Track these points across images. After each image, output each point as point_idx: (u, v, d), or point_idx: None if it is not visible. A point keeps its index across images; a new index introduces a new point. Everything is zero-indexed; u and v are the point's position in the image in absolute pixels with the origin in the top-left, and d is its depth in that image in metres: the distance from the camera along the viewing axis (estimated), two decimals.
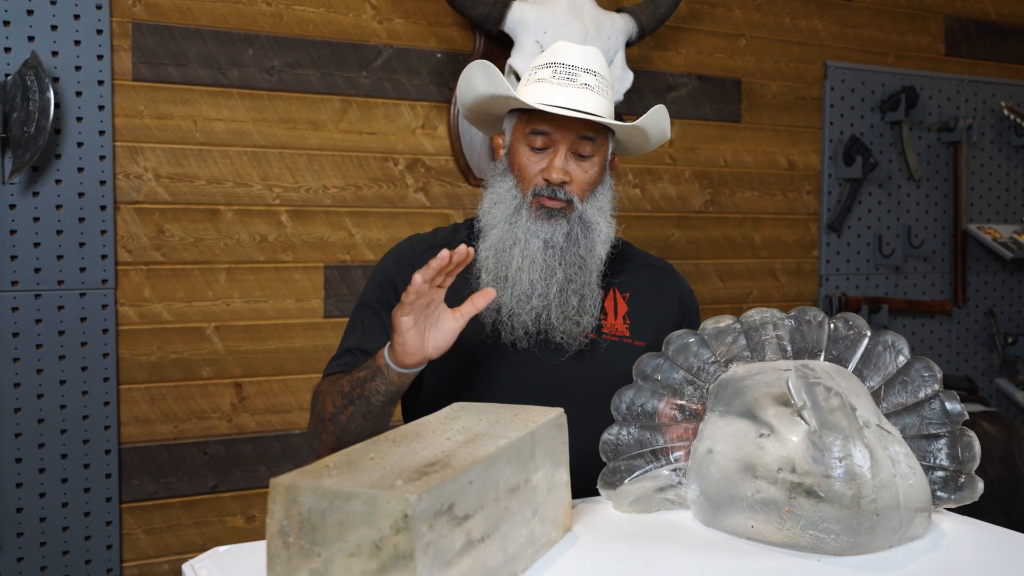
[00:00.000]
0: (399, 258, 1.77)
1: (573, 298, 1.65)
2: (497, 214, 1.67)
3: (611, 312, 1.75)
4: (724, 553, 1.18)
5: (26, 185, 2.31)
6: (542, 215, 1.65)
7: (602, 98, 1.64)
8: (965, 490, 1.29)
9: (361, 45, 2.69)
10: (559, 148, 1.63)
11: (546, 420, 1.20)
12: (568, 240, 1.64)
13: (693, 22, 3.20)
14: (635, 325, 1.75)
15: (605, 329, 1.72)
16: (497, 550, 1.04)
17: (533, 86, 1.64)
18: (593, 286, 1.68)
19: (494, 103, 1.69)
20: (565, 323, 1.64)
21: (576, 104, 1.60)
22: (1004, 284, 3.87)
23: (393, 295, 1.71)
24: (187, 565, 1.17)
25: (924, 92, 3.61)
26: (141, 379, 2.46)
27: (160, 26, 2.46)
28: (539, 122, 1.63)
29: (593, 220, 1.67)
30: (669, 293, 1.83)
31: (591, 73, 1.63)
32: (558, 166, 1.62)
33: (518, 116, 1.68)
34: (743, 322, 1.43)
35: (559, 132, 1.63)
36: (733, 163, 3.31)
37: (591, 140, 1.64)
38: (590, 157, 1.66)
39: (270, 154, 2.59)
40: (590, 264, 1.66)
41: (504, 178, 1.70)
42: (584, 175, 1.66)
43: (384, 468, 0.97)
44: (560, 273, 1.64)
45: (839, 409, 1.17)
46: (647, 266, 1.85)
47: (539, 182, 1.64)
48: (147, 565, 2.48)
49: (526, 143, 1.65)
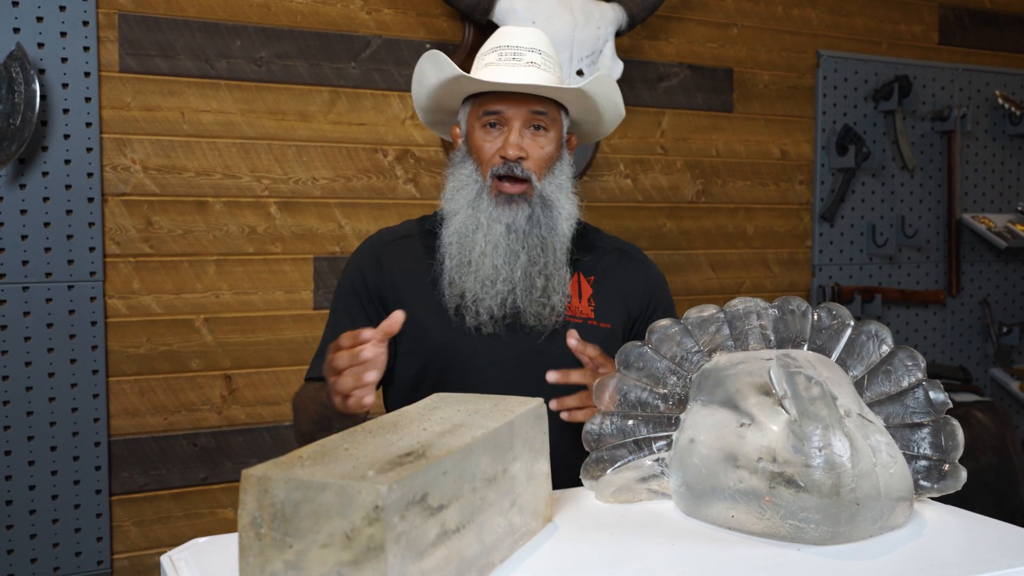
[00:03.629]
0: (366, 251, 1.80)
1: (538, 280, 1.66)
2: (459, 200, 1.69)
3: (575, 295, 1.76)
4: (705, 543, 1.18)
5: (13, 177, 2.30)
6: (502, 201, 1.67)
7: (549, 74, 1.67)
8: (948, 479, 1.29)
9: (350, 36, 2.68)
10: (513, 125, 1.66)
11: (525, 410, 1.19)
12: (530, 223, 1.66)
13: (684, 11, 3.18)
14: (600, 307, 1.77)
15: (570, 312, 1.73)
16: (473, 541, 1.03)
17: (481, 71, 1.67)
18: (560, 264, 1.69)
19: (447, 94, 1.71)
20: (533, 305, 1.66)
21: (523, 81, 1.63)
22: (998, 273, 3.86)
23: (362, 289, 1.75)
24: (165, 557, 1.16)
25: (917, 81, 3.60)
26: (130, 371, 2.45)
27: (147, 17, 2.45)
28: (491, 102, 1.66)
29: (553, 198, 1.69)
30: (635, 279, 1.83)
31: (536, 51, 1.67)
32: (513, 142, 1.65)
33: (472, 102, 1.71)
34: (727, 311, 1.42)
35: (511, 109, 1.65)
36: (725, 153, 3.30)
37: (544, 114, 1.67)
38: (545, 132, 1.68)
39: (259, 145, 2.58)
40: (553, 243, 1.68)
41: (464, 164, 1.72)
42: (540, 150, 1.68)
43: (357, 459, 0.96)
44: (524, 256, 1.66)
45: (819, 398, 1.16)
46: (613, 251, 1.86)
47: (496, 161, 1.66)
48: (138, 557, 2.48)
49: (480, 125, 1.68)
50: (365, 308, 1.75)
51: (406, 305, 1.70)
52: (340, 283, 1.81)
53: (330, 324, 1.79)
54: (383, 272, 1.75)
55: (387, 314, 1.71)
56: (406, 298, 1.72)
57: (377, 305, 1.74)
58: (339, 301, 1.79)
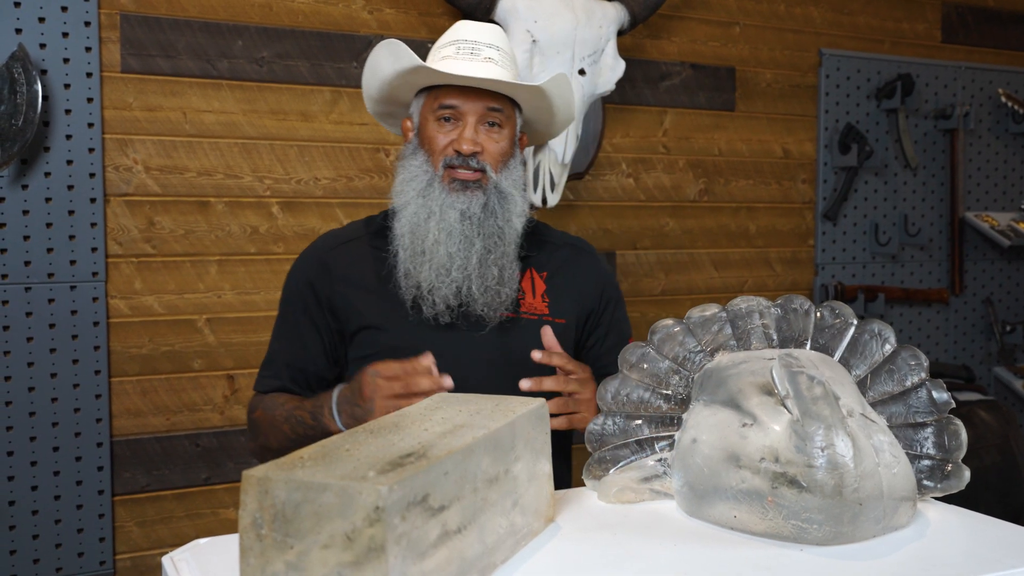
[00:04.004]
0: (312, 258, 1.77)
1: (493, 268, 1.66)
2: (409, 190, 1.67)
3: (528, 291, 1.76)
4: (707, 543, 1.18)
5: (15, 178, 2.30)
6: (456, 187, 1.65)
7: (505, 71, 1.66)
8: (952, 479, 1.28)
9: (351, 35, 2.68)
10: (468, 120, 1.65)
11: (527, 411, 1.19)
12: (485, 211, 1.65)
13: (686, 10, 3.18)
14: (554, 303, 1.77)
15: (524, 308, 1.73)
16: (475, 541, 1.03)
17: (438, 64, 1.66)
18: (512, 258, 1.69)
19: (401, 87, 1.70)
20: (487, 294, 1.65)
21: (481, 76, 1.62)
22: (1002, 272, 3.85)
23: (310, 296, 1.73)
24: (167, 558, 1.16)
25: (920, 79, 3.59)
26: (132, 372, 2.45)
27: (148, 18, 2.45)
28: (447, 96, 1.65)
29: (508, 192, 1.68)
30: (588, 273, 1.84)
31: (493, 47, 1.66)
32: (468, 136, 1.64)
33: (426, 95, 1.69)
34: (729, 310, 1.41)
35: (467, 104, 1.65)
36: (728, 152, 3.29)
37: (499, 111, 1.67)
38: (499, 129, 1.68)
39: (260, 146, 2.58)
40: (508, 235, 1.68)
41: (415, 156, 1.70)
42: (495, 145, 1.67)
43: (358, 459, 0.96)
44: (479, 243, 1.65)
45: (822, 398, 1.16)
46: (564, 246, 1.86)
47: (449, 152, 1.65)
48: (140, 557, 2.48)
49: (435, 118, 1.67)
50: (314, 317, 1.73)
51: (358, 309, 1.70)
52: (286, 291, 1.79)
53: (278, 334, 1.78)
54: (331, 277, 1.72)
55: (337, 320, 1.71)
56: (357, 302, 1.71)
57: (327, 312, 1.72)
58: (286, 310, 1.77)
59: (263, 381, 1.78)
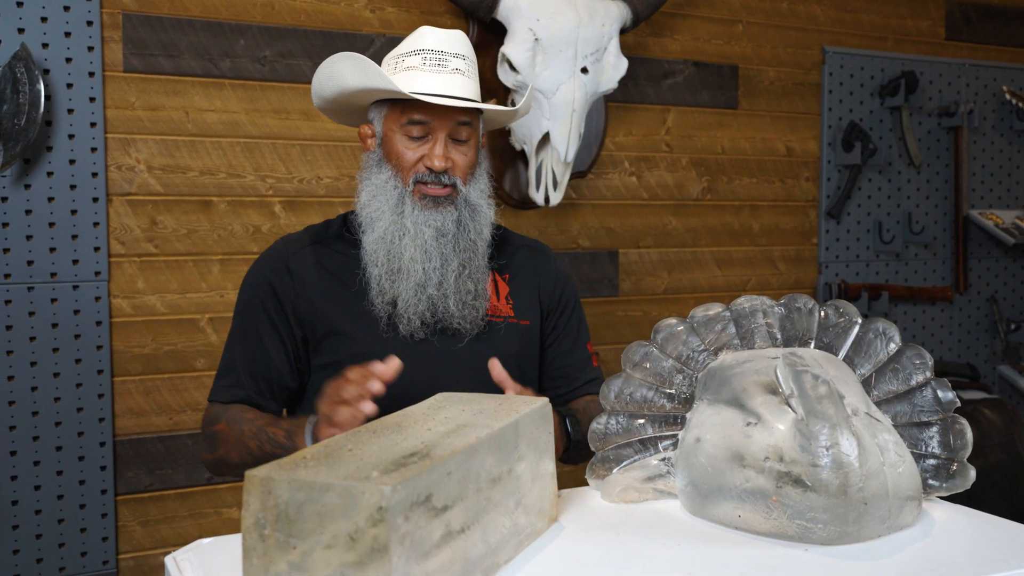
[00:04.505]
0: (272, 262, 1.72)
1: (469, 283, 1.65)
2: (379, 205, 1.65)
3: (493, 294, 1.75)
4: (711, 543, 1.17)
5: (17, 178, 2.30)
6: (428, 204, 1.64)
7: (472, 81, 1.65)
8: (957, 478, 1.28)
9: (353, 34, 2.67)
10: (438, 136, 1.63)
11: (530, 410, 1.19)
12: (459, 226, 1.65)
13: (689, 8, 3.17)
14: (518, 305, 1.77)
15: (491, 312, 1.72)
16: (478, 541, 1.03)
17: (403, 75, 1.63)
18: (484, 270, 1.69)
19: (360, 96, 1.66)
20: (464, 309, 1.65)
21: (450, 91, 1.60)
22: (1006, 270, 3.84)
23: (272, 302, 1.68)
24: (169, 558, 1.16)
25: (924, 77, 3.58)
26: (135, 371, 2.45)
27: (151, 17, 2.44)
28: (415, 111, 1.62)
29: (477, 203, 1.68)
30: (545, 273, 1.84)
31: (460, 58, 1.64)
32: (439, 154, 1.62)
33: (390, 106, 1.66)
34: (733, 310, 1.41)
35: (437, 120, 1.62)
36: (731, 150, 3.28)
37: (468, 125, 1.65)
38: (467, 141, 1.66)
39: (263, 145, 2.58)
40: (480, 247, 1.67)
41: (380, 169, 1.67)
42: (464, 158, 1.66)
43: (361, 459, 0.96)
44: (455, 260, 1.64)
45: (826, 397, 1.15)
46: (523, 247, 1.86)
47: (420, 169, 1.64)
48: (143, 557, 2.48)
49: (402, 133, 1.64)
50: (276, 323, 1.68)
51: (324, 315, 1.67)
52: (244, 298, 1.73)
53: (237, 342, 1.71)
54: (294, 282, 1.68)
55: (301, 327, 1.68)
56: (323, 308, 1.68)
57: (290, 317, 1.68)
58: (246, 316, 1.71)
59: (223, 391, 1.69)
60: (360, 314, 1.66)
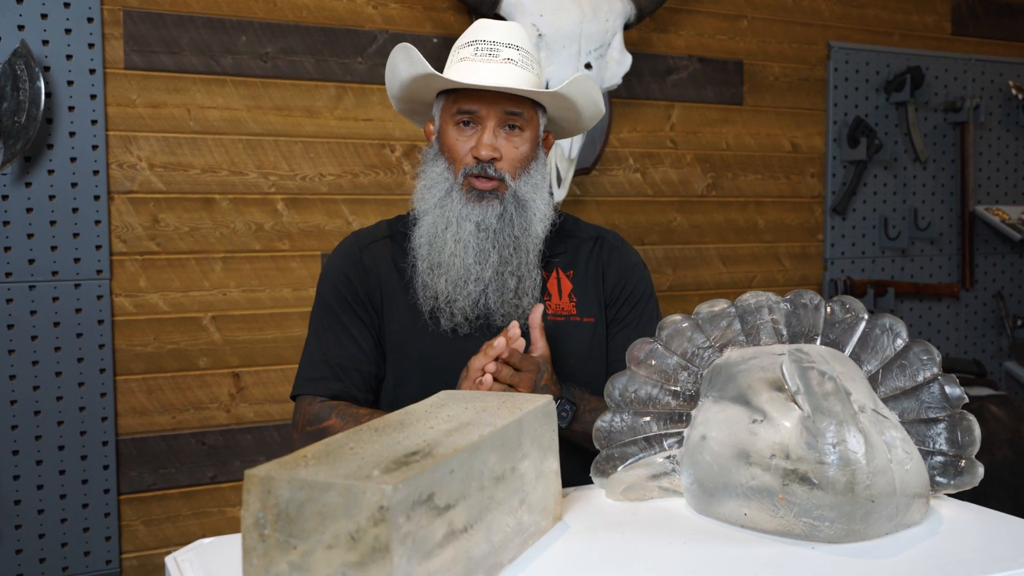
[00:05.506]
0: (347, 255, 1.72)
1: (511, 280, 1.62)
2: (429, 199, 1.65)
3: (555, 292, 1.72)
4: (717, 541, 1.16)
5: (18, 176, 2.29)
6: (473, 197, 1.62)
7: (527, 72, 1.62)
8: (965, 475, 1.26)
9: (356, 31, 2.66)
10: (486, 125, 1.61)
11: (534, 408, 1.18)
12: (501, 221, 1.62)
13: (694, 3, 3.15)
14: (581, 302, 1.73)
15: (550, 310, 1.69)
16: (482, 540, 1.02)
17: (456, 66, 1.62)
18: (532, 266, 1.65)
19: (420, 88, 1.66)
20: (504, 306, 1.62)
21: (499, 79, 1.58)
22: (1013, 266, 3.82)
23: (351, 294, 1.68)
24: (170, 558, 1.15)
25: (930, 72, 3.56)
26: (138, 370, 2.45)
27: (152, 13, 2.43)
28: (465, 101, 1.61)
29: (528, 198, 1.64)
30: (608, 265, 1.77)
31: (513, 47, 1.62)
32: (486, 142, 1.60)
33: (445, 98, 1.66)
34: (738, 306, 1.40)
35: (485, 108, 1.61)
36: (735, 146, 3.27)
37: (519, 115, 1.62)
38: (520, 132, 1.63)
39: (265, 142, 2.57)
40: (526, 244, 1.64)
41: (436, 162, 1.67)
42: (515, 151, 1.63)
43: (363, 458, 0.95)
44: (495, 255, 1.61)
45: (833, 394, 1.14)
46: (589, 239, 1.79)
47: (469, 161, 1.62)
48: (146, 556, 2.47)
49: (454, 123, 1.63)
50: (359, 314, 1.67)
51: (389, 309, 1.67)
52: (323, 292, 1.72)
53: (326, 334, 1.68)
54: (367, 275, 1.69)
55: (380, 317, 1.68)
56: (388, 302, 1.68)
57: (369, 308, 1.68)
58: (327, 310, 1.69)
59: (317, 384, 1.65)
60: (413, 311, 1.66)
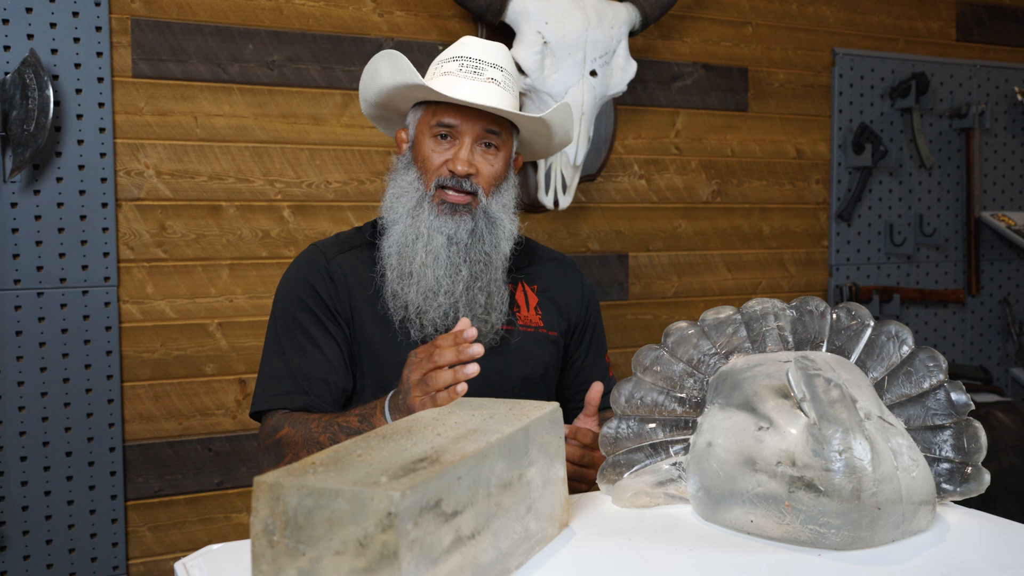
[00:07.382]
0: (311, 266, 1.70)
1: (480, 296, 1.64)
2: (399, 208, 1.65)
3: (523, 305, 1.75)
4: (723, 548, 1.16)
5: (27, 183, 2.30)
6: (445, 210, 1.63)
7: (508, 93, 1.64)
8: (971, 482, 1.26)
9: (362, 38, 2.67)
10: (464, 140, 1.62)
11: (541, 414, 1.18)
12: (472, 237, 1.63)
13: (698, 10, 3.16)
14: (546, 316, 1.77)
15: (520, 322, 1.72)
16: (489, 547, 1.02)
17: (439, 79, 1.63)
18: (500, 283, 1.67)
19: (398, 97, 1.67)
20: (474, 321, 1.62)
21: (483, 98, 1.60)
22: (1019, 272, 3.82)
23: (317, 304, 1.66)
24: (179, 564, 1.16)
25: (935, 78, 3.56)
26: (145, 376, 2.45)
27: (159, 22, 2.45)
28: (445, 114, 1.63)
29: (498, 216, 1.66)
30: (573, 287, 1.84)
31: (497, 68, 1.64)
32: (463, 157, 1.62)
33: (424, 108, 1.67)
34: (744, 313, 1.40)
35: (465, 124, 1.62)
36: (740, 153, 3.27)
37: (497, 134, 1.64)
38: (496, 151, 1.65)
39: (271, 149, 2.58)
40: (495, 261, 1.65)
41: (407, 171, 1.67)
42: (490, 168, 1.65)
43: (371, 465, 0.95)
44: (465, 270, 1.62)
45: (839, 401, 1.14)
46: (550, 260, 1.86)
47: (443, 172, 1.63)
48: (153, 562, 2.48)
49: (431, 135, 1.64)
50: (326, 325, 1.65)
51: (360, 320, 1.67)
52: (284, 304, 1.68)
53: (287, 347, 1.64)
54: (336, 287, 1.67)
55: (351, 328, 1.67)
56: (359, 313, 1.67)
57: (339, 320, 1.66)
58: (290, 321, 1.66)
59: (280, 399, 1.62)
60: (383, 321, 1.66)
